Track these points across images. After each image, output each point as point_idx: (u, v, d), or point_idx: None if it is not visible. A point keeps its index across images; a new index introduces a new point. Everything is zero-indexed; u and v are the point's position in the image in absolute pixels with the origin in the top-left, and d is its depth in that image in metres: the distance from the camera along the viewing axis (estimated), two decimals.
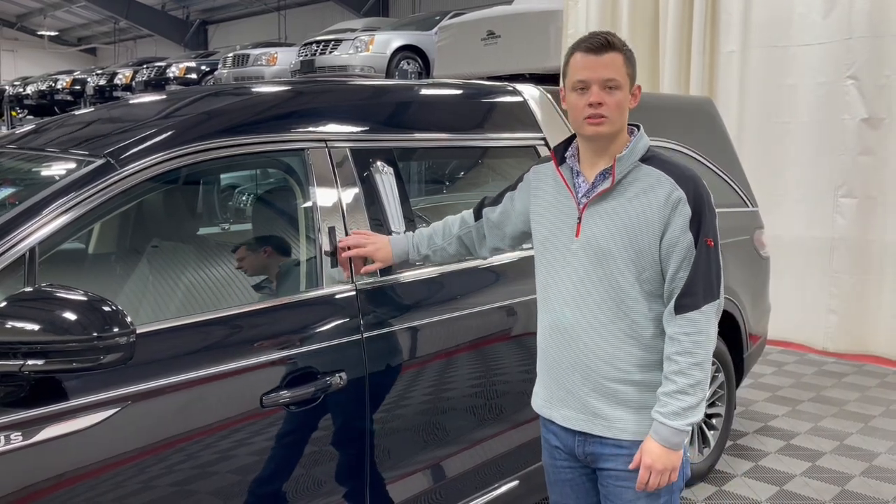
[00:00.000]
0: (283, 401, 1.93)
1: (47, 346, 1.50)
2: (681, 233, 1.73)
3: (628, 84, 1.77)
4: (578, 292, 1.80)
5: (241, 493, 1.88)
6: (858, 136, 5.52)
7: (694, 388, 1.72)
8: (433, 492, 2.34)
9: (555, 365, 1.87)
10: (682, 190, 1.74)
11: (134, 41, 29.53)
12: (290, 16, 23.26)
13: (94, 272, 2.39)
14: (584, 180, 1.84)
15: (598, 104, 1.72)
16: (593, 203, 1.79)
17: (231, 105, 2.24)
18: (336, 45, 10.52)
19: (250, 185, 3.10)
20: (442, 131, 2.62)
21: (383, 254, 2.15)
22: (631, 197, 1.76)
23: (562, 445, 1.91)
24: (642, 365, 1.79)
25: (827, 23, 5.63)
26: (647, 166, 1.78)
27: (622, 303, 1.76)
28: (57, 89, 17.14)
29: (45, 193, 1.77)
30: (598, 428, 1.82)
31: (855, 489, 3.48)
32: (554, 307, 1.85)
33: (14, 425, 1.54)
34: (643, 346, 1.78)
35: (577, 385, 1.82)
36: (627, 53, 1.77)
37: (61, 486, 1.59)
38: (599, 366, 1.79)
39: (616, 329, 1.77)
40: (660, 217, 1.73)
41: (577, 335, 1.80)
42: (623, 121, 1.78)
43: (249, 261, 2.25)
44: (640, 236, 1.74)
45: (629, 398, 1.79)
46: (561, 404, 1.87)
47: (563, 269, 1.82)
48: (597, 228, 1.77)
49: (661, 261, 1.75)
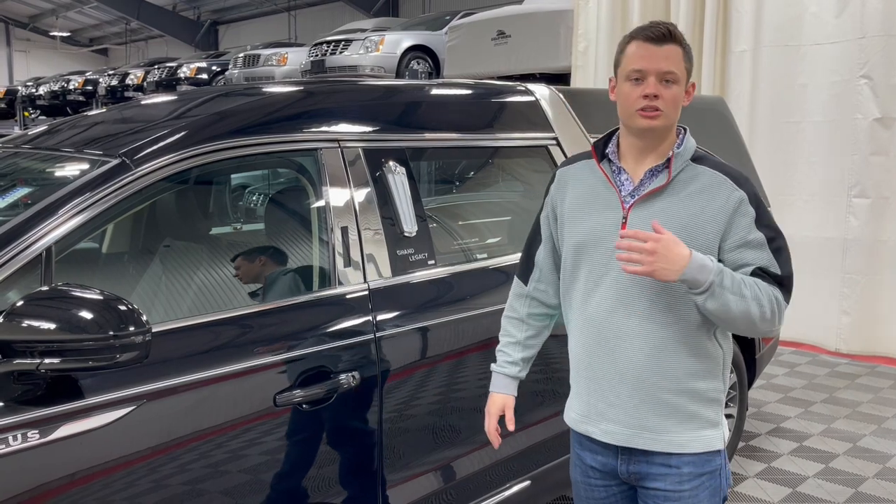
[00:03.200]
0: (296, 400, 1.94)
1: (64, 344, 1.51)
2: (747, 232, 1.65)
3: (685, 79, 1.68)
4: (626, 297, 1.68)
5: (255, 492, 1.89)
6: (871, 136, 5.48)
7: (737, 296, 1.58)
8: (445, 491, 2.35)
9: (597, 377, 1.73)
10: (742, 190, 1.67)
11: (145, 42, 29.68)
12: (301, 16, 23.31)
13: (108, 272, 2.40)
14: (627, 178, 1.72)
15: (653, 96, 1.63)
16: (642, 201, 1.68)
17: (244, 105, 2.25)
18: (346, 46, 10.54)
19: (263, 185, 3.11)
20: (454, 131, 2.62)
21: (511, 409, 1.93)
22: (687, 196, 1.66)
23: (598, 465, 1.78)
24: (694, 372, 1.69)
25: (839, 22, 5.60)
26: (700, 166, 1.70)
27: (673, 307, 1.66)
28: (69, 90, 17.24)
29: (61, 193, 1.79)
30: (644, 441, 1.70)
31: (869, 491, 3.46)
32: (596, 315, 1.72)
33: (31, 423, 1.55)
34: (695, 352, 1.68)
35: (624, 397, 1.70)
36: (687, 48, 1.68)
37: (77, 483, 1.60)
38: (650, 375, 1.67)
39: (667, 335, 1.66)
40: (720, 218, 1.65)
41: (625, 343, 1.68)
42: (676, 117, 1.68)
43: (245, 270, 2.24)
44: (698, 237, 1.64)
45: (680, 408, 1.69)
46: (601, 418, 1.74)
47: (607, 273, 1.70)
48: (646, 228, 1.65)
49: (724, 264, 1.65)
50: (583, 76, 7.55)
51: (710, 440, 1.72)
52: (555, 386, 2.60)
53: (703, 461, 1.71)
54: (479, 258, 2.59)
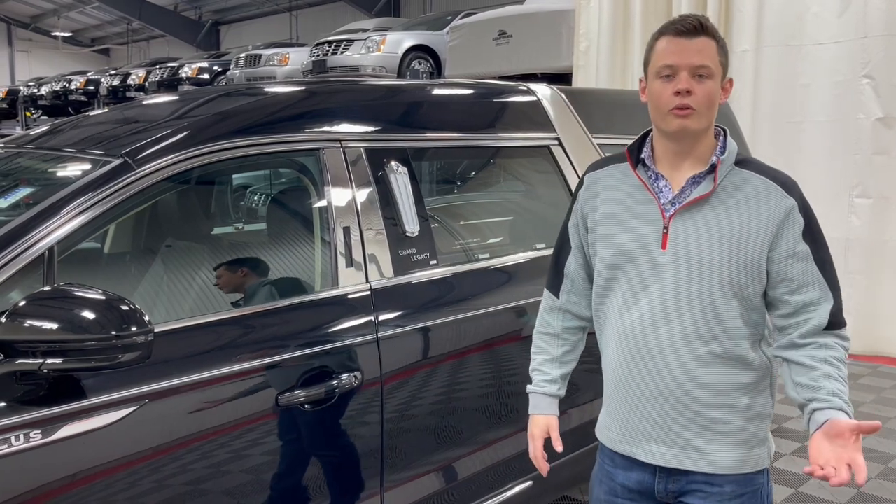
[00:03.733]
0: (298, 400, 1.94)
1: (66, 344, 1.51)
2: (796, 243, 1.55)
3: (720, 74, 1.56)
4: (669, 311, 1.58)
5: (257, 492, 1.89)
6: (873, 136, 5.48)
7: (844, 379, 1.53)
8: (447, 492, 2.34)
9: (638, 395, 1.63)
10: (792, 198, 1.56)
11: (147, 42, 29.69)
12: (302, 16, 23.32)
13: (110, 272, 2.40)
14: (666, 184, 1.61)
15: (686, 92, 1.52)
16: (685, 210, 1.58)
17: (246, 105, 2.25)
18: (348, 46, 10.54)
19: (265, 185, 3.11)
20: (456, 131, 2.62)
21: (556, 429, 1.82)
22: (734, 205, 1.56)
23: (633, 483, 1.68)
24: (744, 388, 1.60)
25: (842, 21, 5.59)
26: (746, 171, 1.59)
27: (721, 321, 1.56)
28: (71, 90, 17.25)
29: (63, 193, 1.78)
30: (690, 462, 1.61)
31: (871, 491, 3.45)
32: (636, 329, 1.61)
33: (34, 423, 1.55)
34: (742, 366, 1.59)
35: (668, 416, 1.60)
36: (721, 41, 1.57)
37: (80, 483, 1.60)
38: (697, 392, 1.58)
39: (713, 350, 1.57)
40: (769, 228, 1.54)
41: (669, 360, 1.58)
42: (712, 117, 1.57)
43: (227, 280, 2.22)
44: (746, 248, 1.54)
45: (727, 426, 1.60)
46: (645, 438, 1.63)
47: (647, 286, 1.60)
48: (691, 239, 1.56)
49: (769, 275, 1.57)
50: (584, 76, 7.54)
51: (757, 459, 1.64)
52: None
53: (747, 480, 1.63)
54: (481, 258, 2.59)
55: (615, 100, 3.45)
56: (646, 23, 6.84)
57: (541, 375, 1.84)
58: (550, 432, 1.80)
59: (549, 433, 1.80)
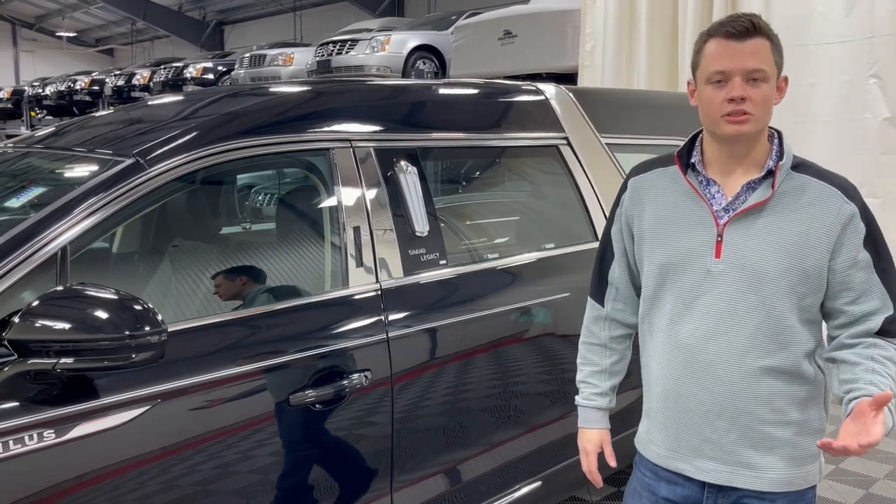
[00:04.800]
0: (309, 400, 1.94)
1: (79, 344, 1.51)
2: (857, 252, 1.50)
3: (776, 75, 1.50)
4: (725, 323, 1.52)
5: (268, 492, 1.89)
6: (881, 136, 5.46)
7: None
8: (456, 492, 2.34)
9: (689, 409, 1.57)
10: (853, 204, 1.51)
11: (151, 42, 29.73)
12: (306, 16, 23.33)
13: (119, 271, 2.41)
14: (719, 190, 1.56)
15: (741, 99, 1.46)
16: (740, 218, 1.52)
17: (256, 105, 2.25)
18: (352, 46, 10.55)
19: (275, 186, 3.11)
20: (465, 131, 2.62)
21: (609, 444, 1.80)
22: (793, 210, 1.50)
23: (677, 497, 1.63)
24: (799, 402, 1.54)
25: (848, 21, 5.57)
26: (803, 175, 1.54)
27: (779, 333, 1.51)
28: (75, 90, 17.28)
29: (75, 193, 1.79)
30: (742, 479, 1.56)
31: (879, 492, 3.44)
32: (690, 342, 1.55)
33: (47, 423, 1.55)
34: (801, 380, 1.54)
35: (722, 432, 1.55)
36: (775, 40, 1.50)
37: (92, 483, 1.61)
38: (753, 407, 1.53)
39: (769, 364, 1.51)
40: (830, 235, 1.49)
41: (724, 373, 1.53)
42: (768, 119, 1.52)
43: (225, 288, 2.20)
44: (806, 257, 1.49)
45: (782, 442, 1.55)
46: (695, 454, 1.58)
47: (701, 296, 1.54)
48: (748, 247, 1.50)
49: (829, 285, 1.52)
50: (590, 76, 7.53)
51: (810, 475, 1.59)
52: (564, 387, 2.60)
53: (798, 496, 1.58)
54: (490, 258, 2.59)
55: (623, 99, 3.45)
56: (651, 22, 6.83)
57: (590, 388, 1.78)
58: (604, 446, 1.77)
59: (602, 447, 1.77)
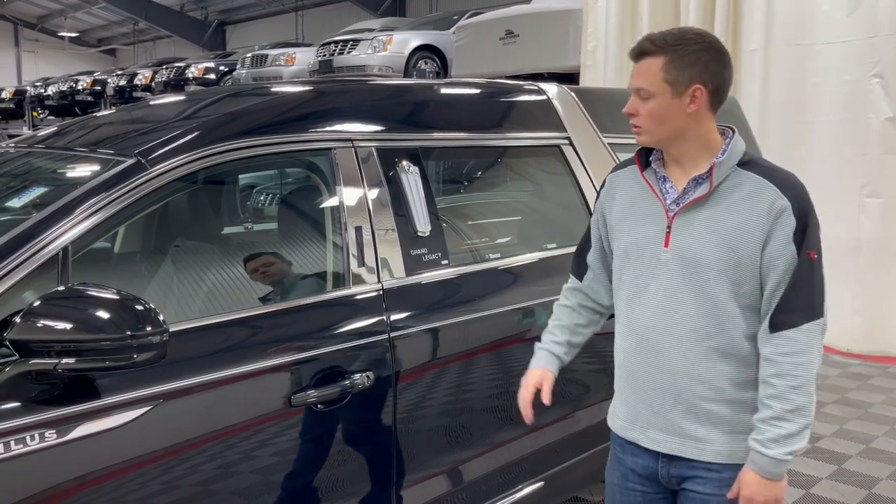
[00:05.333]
0: (311, 400, 1.93)
1: (81, 344, 1.50)
2: (783, 245, 1.59)
3: (667, 90, 1.62)
4: (669, 307, 1.67)
5: (270, 492, 1.89)
6: (883, 135, 5.45)
7: (793, 414, 1.57)
8: (458, 492, 2.34)
9: (642, 385, 1.73)
10: (786, 199, 1.59)
11: (153, 42, 29.75)
12: (308, 16, 23.34)
13: (120, 271, 2.40)
14: (671, 186, 1.71)
15: (631, 115, 1.68)
16: (686, 211, 1.66)
17: (257, 105, 2.24)
18: (354, 45, 10.55)
19: (276, 185, 3.11)
20: (467, 130, 2.61)
21: (549, 384, 1.89)
22: (730, 205, 1.62)
23: (639, 468, 1.78)
24: (738, 382, 1.66)
25: (851, 20, 5.56)
26: (747, 171, 1.64)
27: (718, 318, 1.63)
28: (77, 90, 17.31)
29: (77, 193, 1.78)
30: (689, 451, 1.69)
31: (883, 493, 3.43)
32: (641, 323, 1.71)
33: (48, 423, 1.55)
34: (739, 362, 1.66)
35: (668, 406, 1.69)
36: (671, 55, 1.61)
37: (94, 483, 1.60)
38: (693, 385, 1.66)
39: (711, 346, 1.64)
40: (762, 227, 1.59)
41: (669, 353, 1.67)
42: (663, 130, 1.65)
43: (262, 272, 2.22)
44: (740, 247, 1.60)
45: (723, 418, 1.67)
46: (647, 426, 1.74)
47: (651, 281, 1.69)
48: (690, 238, 1.65)
49: (761, 274, 1.62)
50: (592, 76, 7.53)
51: None
52: (565, 387, 2.59)
53: None
54: (492, 258, 2.59)
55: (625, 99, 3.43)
56: (653, 22, 6.82)
57: (549, 336, 1.95)
58: (544, 384, 1.87)
59: (542, 385, 1.87)
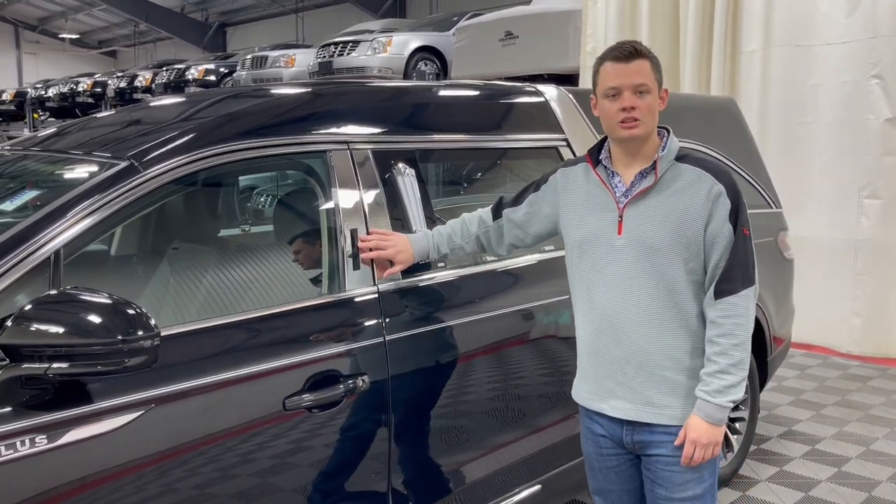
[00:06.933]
0: (305, 404, 1.92)
1: (72, 349, 1.49)
2: (722, 223, 1.84)
3: (657, 88, 1.88)
4: (628, 287, 1.88)
5: (264, 496, 1.88)
6: (883, 136, 5.44)
7: (735, 368, 1.83)
8: (455, 496, 2.33)
9: (605, 359, 1.94)
10: (721, 184, 1.86)
11: (153, 44, 29.77)
12: (308, 18, 23.35)
13: (116, 274, 2.39)
14: (620, 180, 1.93)
15: (630, 108, 1.83)
16: (635, 201, 1.89)
17: (253, 107, 2.23)
18: (354, 47, 10.54)
19: (272, 187, 3.10)
20: (464, 132, 2.61)
21: (404, 255, 2.16)
22: (673, 193, 1.86)
23: (608, 434, 1.99)
24: (692, 351, 1.89)
25: (850, 21, 5.55)
26: (684, 164, 1.90)
27: (671, 293, 1.86)
28: (78, 92, 17.32)
29: (69, 196, 1.77)
30: (648, 416, 1.90)
31: (882, 495, 3.42)
32: (601, 304, 1.92)
33: (39, 428, 1.53)
34: (692, 333, 1.89)
35: (630, 376, 1.90)
36: (653, 60, 1.89)
37: (86, 488, 1.59)
38: (653, 356, 1.88)
39: (666, 319, 1.87)
40: (703, 210, 1.84)
41: (629, 329, 1.88)
42: (654, 123, 1.89)
43: (306, 254, 2.25)
44: (686, 229, 1.84)
45: (679, 385, 1.89)
46: (610, 395, 1.94)
47: (608, 266, 1.90)
48: (641, 224, 1.87)
49: (704, 251, 1.86)
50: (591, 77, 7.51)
51: None
52: (563, 389, 2.58)
53: None
54: (488, 261, 2.57)
55: None
56: (652, 23, 6.81)
57: (432, 231, 2.23)
58: (395, 257, 2.13)
59: (398, 254, 2.13)
